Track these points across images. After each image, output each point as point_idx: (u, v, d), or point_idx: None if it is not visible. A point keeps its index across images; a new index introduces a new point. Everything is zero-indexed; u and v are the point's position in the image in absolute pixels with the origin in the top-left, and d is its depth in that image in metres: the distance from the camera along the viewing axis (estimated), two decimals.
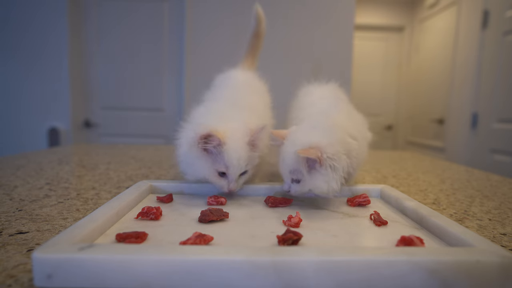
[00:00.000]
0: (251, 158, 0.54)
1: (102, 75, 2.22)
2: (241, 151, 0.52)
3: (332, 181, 0.48)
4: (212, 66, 2.01)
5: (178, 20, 2.15)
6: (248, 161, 0.53)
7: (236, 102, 0.61)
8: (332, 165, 0.48)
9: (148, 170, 0.86)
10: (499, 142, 2.07)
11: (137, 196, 0.50)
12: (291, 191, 0.52)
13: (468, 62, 2.37)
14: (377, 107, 3.46)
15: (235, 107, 0.59)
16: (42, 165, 0.90)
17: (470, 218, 0.53)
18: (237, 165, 0.52)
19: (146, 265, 0.28)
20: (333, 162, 0.48)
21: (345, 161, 0.50)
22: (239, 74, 0.71)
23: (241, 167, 0.52)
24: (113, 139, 2.23)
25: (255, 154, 0.54)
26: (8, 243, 0.38)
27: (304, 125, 0.54)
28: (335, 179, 0.48)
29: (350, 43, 2.08)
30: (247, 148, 0.53)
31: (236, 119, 0.55)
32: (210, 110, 0.59)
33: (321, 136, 0.50)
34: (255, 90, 0.69)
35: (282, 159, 0.52)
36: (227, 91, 0.66)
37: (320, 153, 0.47)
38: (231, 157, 0.51)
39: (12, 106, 2.12)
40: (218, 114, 0.57)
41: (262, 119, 0.61)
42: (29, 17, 2.06)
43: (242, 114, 0.56)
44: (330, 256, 0.29)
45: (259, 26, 0.79)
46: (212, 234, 0.36)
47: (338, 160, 0.49)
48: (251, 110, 0.59)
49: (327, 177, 0.48)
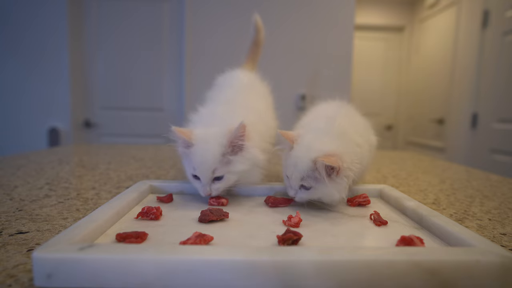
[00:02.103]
0: (228, 162, 0.50)
1: (102, 75, 2.22)
2: (207, 154, 0.49)
3: (343, 190, 0.48)
4: (212, 65, 2.02)
5: (178, 20, 2.15)
6: (220, 165, 0.49)
7: (237, 103, 0.61)
8: (347, 175, 0.48)
9: (148, 170, 0.86)
10: (499, 142, 2.07)
11: (137, 196, 0.50)
12: (296, 197, 0.50)
13: (468, 62, 2.37)
14: (377, 107, 3.46)
15: (234, 108, 0.58)
16: (42, 165, 0.90)
17: (470, 218, 0.53)
18: (202, 168, 0.49)
19: (146, 265, 0.28)
20: (350, 172, 0.48)
21: (357, 169, 0.50)
22: (242, 75, 0.72)
23: (208, 170, 0.49)
24: (113, 139, 2.23)
25: (238, 158, 0.50)
26: (8, 243, 0.38)
27: (314, 130, 0.52)
28: (345, 188, 0.48)
29: (350, 43, 2.08)
30: (220, 151, 0.49)
31: (229, 121, 0.52)
32: (208, 112, 0.59)
33: (337, 145, 0.48)
34: (257, 91, 0.69)
35: (293, 164, 0.49)
36: (229, 92, 0.66)
37: (341, 162, 0.46)
38: (196, 159, 0.49)
39: (12, 106, 2.12)
40: (214, 116, 0.56)
41: (264, 119, 0.61)
42: (29, 17, 2.06)
43: (239, 115, 0.54)
44: (330, 256, 0.29)
45: (258, 35, 0.81)
46: (212, 234, 0.36)
47: (353, 169, 0.48)
48: (252, 111, 0.59)
49: (340, 186, 0.47)
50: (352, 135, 0.54)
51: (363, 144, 0.55)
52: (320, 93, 2.06)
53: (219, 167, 0.49)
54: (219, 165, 0.49)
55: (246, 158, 0.51)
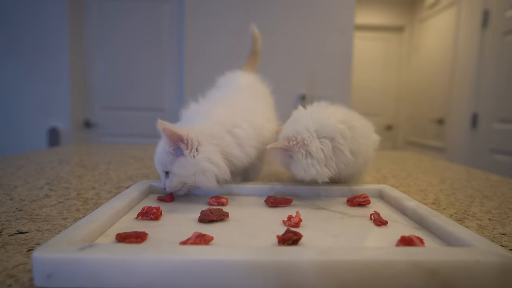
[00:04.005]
0: (172, 162, 0.50)
1: (102, 75, 2.22)
2: (159, 147, 0.53)
3: (309, 166, 0.51)
4: (212, 66, 2.02)
5: (178, 20, 2.15)
6: (168, 162, 0.51)
7: (225, 102, 0.61)
8: (302, 152, 0.51)
9: (148, 170, 0.86)
10: (499, 142, 2.07)
11: (137, 196, 0.50)
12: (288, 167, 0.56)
13: (468, 62, 2.37)
14: (377, 107, 3.46)
15: (218, 106, 0.59)
16: (42, 165, 0.90)
17: (470, 218, 0.53)
18: (155, 159, 0.54)
19: (146, 265, 0.28)
20: (301, 148, 0.51)
21: (321, 143, 0.52)
22: (241, 76, 0.72)
23: (157, 163, 0.53)
24: (113, 139, 2.23)
25: (179, 160, 0.50)
26: (8, 243, 0.38)
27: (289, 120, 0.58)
28: (310, 164, 0.51)
29: (350, 43, 2.08)
30: (167, 149, 0.50)
31: (205, 119, 0.56)
32: (195, 108, 0.62)
33: (292, 126, 0.53)
34: (255, 92, 0.69)
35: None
36: (224, 91, 0.66)
37: (287, 142, 0.51)
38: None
39: (12, 106, 2.13)
40: (197, 113, 0.59)
41: (252, 120, 0.60)
42: (30, 18, 2.06)
43: (218, 113, 0.57)
44: (330, 256, 0.29)
45: (255, 44, 0.83)
46: (212, 234, 0.36)
47: (307, 144, 0.51)
48: (236, 111, 0.59)
49: (300, 164, 0.51)
50: (333, 113, 0.55)
51: (350, 120, 0.56)
52: (320, 93, 2.06)
53: (167, 164, 0.51)
54: (167, 162, 0.51)
55: (183, 164, 0.50)
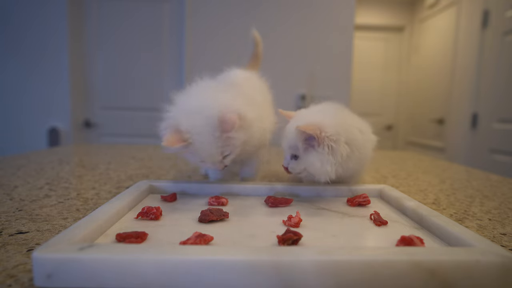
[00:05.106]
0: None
1: (102, 75, 2.22)
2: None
3: (326, 162, 0.50)
4: (212, 66, 2.01)
5: (178, 20, 2.15)
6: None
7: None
8: (329, 146, 0.50)
9: (148, 170, 0.86)
10: (499, 142, 2.07)
11: (137, 196, 0.50)
12: (288, 167, 0.54)
13: (468, 62, 2.37)
14: (377, 107, 3.46)
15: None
16: (42, 165, 0.90)
17: (470, 218, 0.53)
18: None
19: (146, 265, 0.28)
20: (331, 143, 0.50)
21: (344, 147, 0.51)
22: (238, 71, 0.71)
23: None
24: (113, 139, 2.23)
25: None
26: (8, 243, 0.38)
27: (311, 108, 0.57)
28: (330, 161, 0.50)
29: (350, 43, 2.08)
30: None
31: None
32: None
33: (324, 117, 0.52)
34: (255, 88, 0.69)
35: (285, 135, 0.55)
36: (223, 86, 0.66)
37: (319, 131, 0.49)
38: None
39: (12, 106, 2.13)
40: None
41: (260, 112, 0.61)
42: (30, 18, 2.06)
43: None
44: (330, 256, 0.29)
45: (257, 48, 0.83)
46: (212, 234, 0.36)
47: (337, 142, 0.50)
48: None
49: (323, 157, 0.50)
50: (348, 118, 0.56)
51: (362, 128, 0.57)
52: (319, 93, 2.06)
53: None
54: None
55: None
